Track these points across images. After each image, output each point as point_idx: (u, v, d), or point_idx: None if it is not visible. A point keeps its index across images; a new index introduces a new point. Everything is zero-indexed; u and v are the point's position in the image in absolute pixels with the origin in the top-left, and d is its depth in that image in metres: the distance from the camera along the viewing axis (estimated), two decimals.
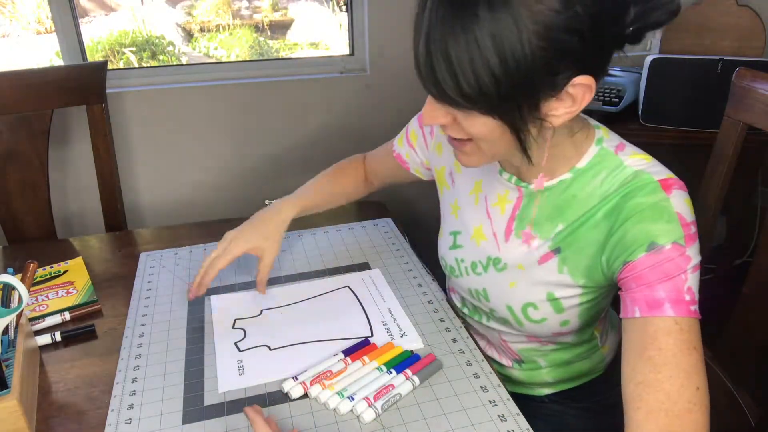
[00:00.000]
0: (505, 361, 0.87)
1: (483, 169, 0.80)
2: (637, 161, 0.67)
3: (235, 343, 0.81)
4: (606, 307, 0.81)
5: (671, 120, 1.60)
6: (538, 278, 0.74)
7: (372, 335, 0.82)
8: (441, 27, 0.55)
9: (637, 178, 0.65)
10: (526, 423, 0.67)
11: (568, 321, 0.75)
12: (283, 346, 0.80)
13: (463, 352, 0.79)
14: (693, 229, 0.63)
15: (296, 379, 0.72)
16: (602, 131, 0.71)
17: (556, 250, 0.72)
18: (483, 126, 0.60)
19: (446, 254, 0.87)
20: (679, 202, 0.63)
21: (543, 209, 0.73)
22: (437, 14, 0.55)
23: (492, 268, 0.79)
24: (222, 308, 0.89)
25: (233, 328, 0.85)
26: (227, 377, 0.75)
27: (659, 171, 0.66)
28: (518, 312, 0.76)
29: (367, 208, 1.21)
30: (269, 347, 0.80)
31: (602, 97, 1.64)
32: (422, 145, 0.91)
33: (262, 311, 0.89)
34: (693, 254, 0.62)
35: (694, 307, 0.61)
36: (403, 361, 0.76)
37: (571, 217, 0.70)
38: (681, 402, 0.57)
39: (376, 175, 1.04)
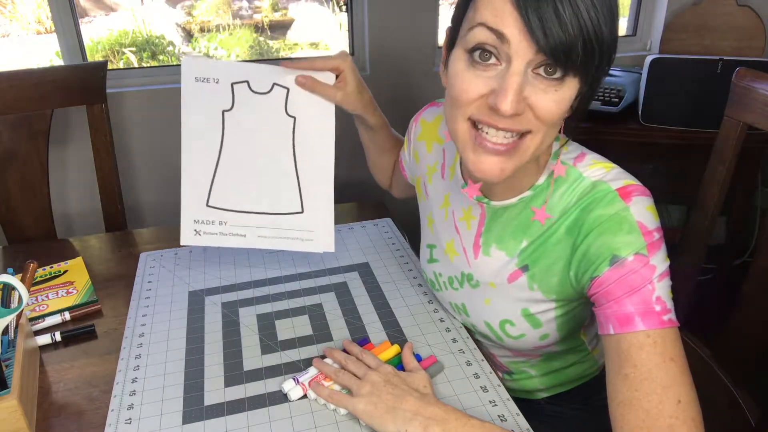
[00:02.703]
0: (497, 373, 0.87)
1: (449, 183, 0.80)
2: (595, 171, 0.66)
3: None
4: (587, 315, 0.79)
5: (671, 120, 1.60)
6: (510, 295, 0.73)
7: (207, 204, 0.82)
8: None
9: (595, 189, 0.64)
10: (526, 423, 0.67)
11: (547, 335, 0.75)
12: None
13: (463, 352, 0.79)
14: (656, 236, 0.61)
15: (297, 381, 0.72)
16: (560, 144, 0.70)
17: (524, 268, 0.71)
18: (569, 93, 0.57)
19: (425, 267, 0.87)
20: (640, 209, 0.61)
21: (507, 226, 0.72)
22: None
23: (467, 284, 0.78)
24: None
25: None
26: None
27: (617, 179, 0.64)
28: (497, 328, 0.76)
29: (367, 208, 1.21)
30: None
31: (602, 97, 1.64)
32: (409, 151, 0.90)
33: (294, 118, 0.83)
34: (658, 262, 0.60)
35: (668, 317, 0.59)
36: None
37: (534, 233, 0.69)
38: (661, 418, 0.56)
39: (393, 176, 1.03)
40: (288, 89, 0.82)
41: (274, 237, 0.83)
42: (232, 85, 0.81)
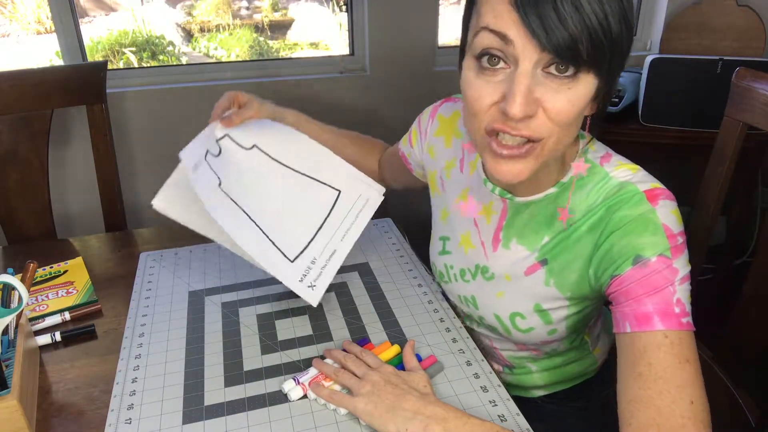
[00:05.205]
0: (496, 367, 0.87)
1: (469, 177, 0.80)
2: (622, 172, 0.66)
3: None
4: (595, 315, 0.80)
5: (671, 120, 1.60)
6: (525, 289, 0.74)
7: (292, 260, 0.80)
8: None
9: (622, 190, 0.64)
10: (526, 423, 0.67)
11: (556, 330, 0.75)
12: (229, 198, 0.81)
13: (463, 352, 0.79)
14: (680, 240, 0.61)
15: (297, 381, 0.72)
16: (588, 142, 0.70)
17: (543, 262, 0.71)
18: (585, 91, 0.56)
19: (436, 260, 0.87)
20: (666, 213, 0.62)
21: (529, 221, 0.72)
22: None
23: (480, 276, 0.79)
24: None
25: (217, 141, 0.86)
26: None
27: (645, 181, 0.64)
28: (506, 321, 0.76)
29: None
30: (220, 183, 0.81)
31: None
32: (420, 145, 0.91)
33: (254, 146, 0.87)
34: (680, 266, 0.61)
35: (686, 319, 0.59)
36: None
37: (557, 229, 0.70)
38: (673, 417, 0.56)
39: (386, 169, 1.03)
40: (226, 134, 0.87)
41: (351, 226, 0.85)
42: (205, 159, 0.83)
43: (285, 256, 0.80)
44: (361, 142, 1.05)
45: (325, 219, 0.85)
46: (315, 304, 0.79)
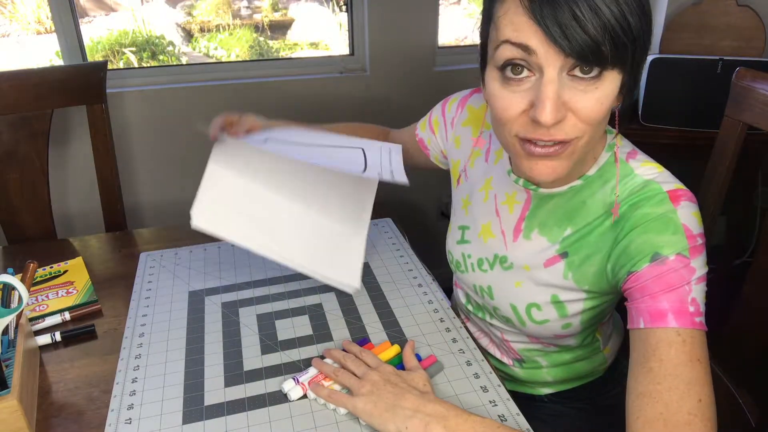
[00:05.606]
0: (507, 360, 0.88)
1: (494, 167, 0.81)
2: (648, 170, 0.67)
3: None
4: (610, 312, 0.80)
5: (671, 120, 1.60)
6: (543, 280, 0.74)
7: (362, 171, 0.80)
8: None
9: (646, 188, 0.65)
10: (527, 423, 0.67)
11: (570, 324, 0.75)
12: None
13: (463, 352, 0.79)
14: (699, 240, 0.62)
15: (297, 381, 0.72)
16: (614, 137, 0.70)
17: (564, 254, 0.72)
18: (611, 88, 0.57)
19: (453, 248, 0.87)
20: (686, 213, 0.62)
21: (552, 213, 0.73)
22: None
23: (498, 266, 0.79)
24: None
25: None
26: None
27: (668, 182, 0.65)
28: (522, 312, 0.77)
29: None
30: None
31: None
32: (443, 134, 0.91)
33: (267, 139, 0.87)
34: (698, 266, 0.61)
35: (699, 319, 0.60)
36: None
37: (580, 222, 0.70)
38: (680, 413, 0.56)
39: None
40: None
41: (391, 166, 0.84)
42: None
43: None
44: (363, 128, 1.06)
45: (365, 168, 0.85)
46: (406, 181, 0.77)
